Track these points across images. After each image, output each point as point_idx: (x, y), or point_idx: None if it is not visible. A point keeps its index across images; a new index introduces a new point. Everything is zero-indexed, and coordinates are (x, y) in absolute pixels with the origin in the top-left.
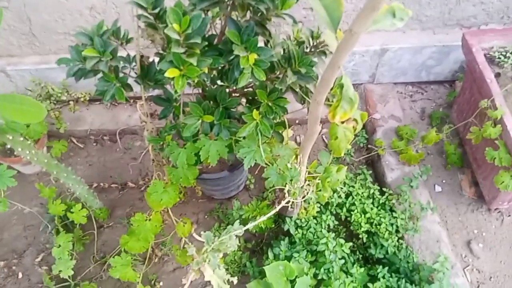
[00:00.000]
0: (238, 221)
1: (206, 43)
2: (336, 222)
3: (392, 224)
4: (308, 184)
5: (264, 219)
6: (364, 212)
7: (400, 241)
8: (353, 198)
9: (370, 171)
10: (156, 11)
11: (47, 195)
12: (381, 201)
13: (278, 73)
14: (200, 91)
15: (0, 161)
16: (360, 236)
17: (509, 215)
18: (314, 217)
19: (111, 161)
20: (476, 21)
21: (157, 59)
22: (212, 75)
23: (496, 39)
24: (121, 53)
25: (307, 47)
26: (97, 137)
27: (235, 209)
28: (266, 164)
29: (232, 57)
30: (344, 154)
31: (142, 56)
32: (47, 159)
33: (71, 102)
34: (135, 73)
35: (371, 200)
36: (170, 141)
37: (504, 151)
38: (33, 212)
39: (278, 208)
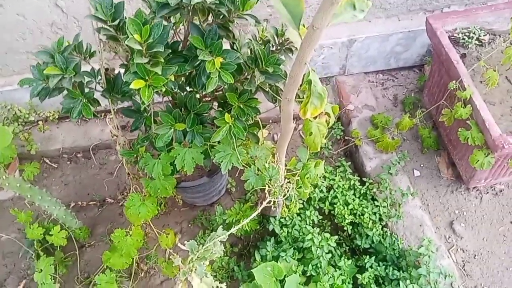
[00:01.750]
0: (221, 226)
1: (170, 50)
2: (320, 217)
3: (375, 213)
4: (288, 182)
5: (247, 221)
6: (347, 204)
7: (385, 229)
8: (334, 191)
9: (349, 163)
10: (116, 22)
11: (24, 220)
12: (362, 191)
13: (246, 74)
14: (170, 99)
15: None
16: (345, 228)
17: (487, 192)
18: (298, 214)
19: (87, 178)
20: (438, 4)
21: (122, 71)
22: (180, 82)
23: (459, 21)
24: (85, 67)
25: (273, 46)
26: (71, 155)
27: (218, 214)
28: (243, 166)
29: (198, 63)
30: (322, 148)
31: (107, 69)
32: (20, 183)
33: (40, 122)
34: (101, 87)
35: (352, 192)
36: (143, 153)
37: (476, 131)
38: (11, 238)
39: (259, 209)
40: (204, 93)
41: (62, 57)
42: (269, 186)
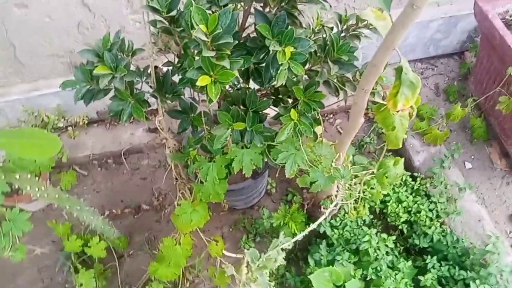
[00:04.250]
0: (282, 232)
1: (237, 42)
2: (371, 216)
3: (431, 210)
4: (357, 183)
5: (312, 227)
6: (400, 201)
7: (443, 226)
8: None
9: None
10: (173, 13)
11: (62, 232)
12: (414, 187)
13: (310, 65)
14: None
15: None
16: (399, 227)
17: None
18: (347, 214)
19: (120, 184)
20: None
21: (170, 68)
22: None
23: (510, 2)
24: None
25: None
26: (101, 161)
27: (265, 218)
28: (309, 166)
29: (263, 55)
30: (365, 143)
31: (156, 67)
32: (58, 194)
33: (69, 128)
34: (150, 86)
35: (404, 188)
36: (197, 156)
37: None
38: (46, 252)
39: (327, 214)
40: (269, 87)
41: (111, 55)
42: (339, 188)
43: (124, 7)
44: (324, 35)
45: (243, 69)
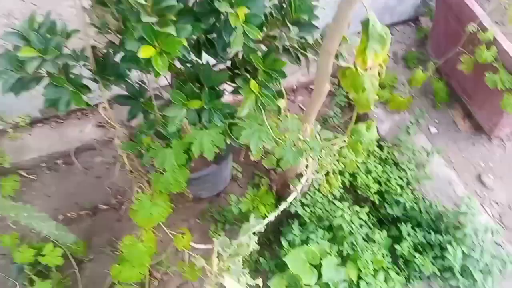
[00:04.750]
0: (253, 215)
1: (182, 6)
2: (342, 191)
3: (401, 178)
4: (328, 154)
5: (282, 207)
6: (369, 172)
7: (414, 193)
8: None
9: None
10: None
11: (9, 243)
12: (382, 157)
13: (267, 30)
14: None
15: None
16: (371, 198)
17: (510, 140)
18: (318, 190)
19: (72, 186)
20: None
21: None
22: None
23: None
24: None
25: None
26: (49, 163)
27: (233, 204)
28: (275, 142)
29: (213, 20)
30: (329, 116)
31: (94, 48)
32: (0, 202)
33: (10, 130)
34: (89, 69)
35: (372, 158)
36: (150, 143)
37: (504, 73)
38: None
39: (299, 191)
40: (224, 59)
41: (39, 36)
42: (309, 161)
43: None
44: None
45: (193, 40)
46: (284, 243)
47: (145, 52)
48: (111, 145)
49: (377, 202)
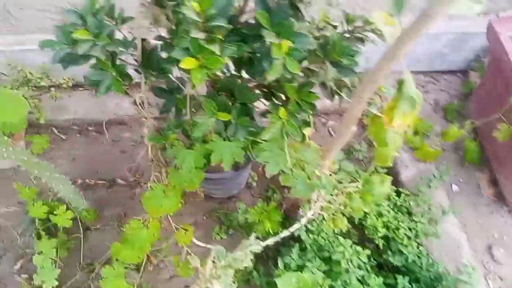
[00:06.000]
0: (254, 234)
1: (231, 26)
2: (350, 226)
3: (410, 229)
4: (339, 194)
5: (283, 235)
6: (380, 215)
7: (420, 247)
8: None
9: (385, 170)
10: None
11: (27, 196)
12: (397, 203)
13: (308, 63)
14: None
15: None
16: (376, 241)
17: None
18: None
19: (97, 154)
20: (495, 7)
21: (158, 43)
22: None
23: None
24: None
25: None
26: (81, 128)
27: (240, 212)
28: (291, 170)
29: (258, 45)
30: (355, 150)
31: (143, 40)
32: (27, 157)
33: (52, 89)
34: (135, 60)
35: (387, 202)
36: (175, 141)
37: None
38: (11, 212)
39: (302, 223)
40: (261, 80)
41: (96, 20)
42: (317, 197)
43: None
44: (328, 34)
45: (236, 56)
46: (281, 264)
47: (187, 63)
48: (141, 125)
49: (381, 246)
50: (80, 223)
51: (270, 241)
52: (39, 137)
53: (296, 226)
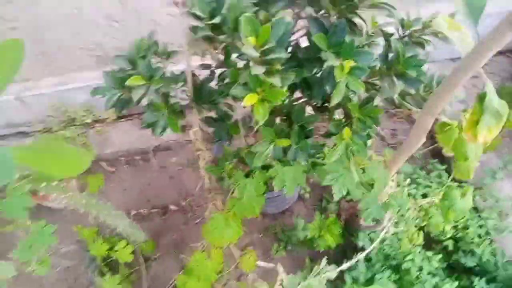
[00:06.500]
0: (325, 258)
1: (290, 55)
2: (414, 228)
3: (480, 226)
4: (411, 208)
5: (347, 265)
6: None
7: (493, 244)
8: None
9: (445, 166)
10: (216, 20)
11: (87, 236)
12: None
13: (368, 77)
14: None
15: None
16: (445, 243)
17: None
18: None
19: (147, 183)
20: None
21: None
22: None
23: None
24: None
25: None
26: (128, 158)
27: (299, 229)
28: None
29: (316, 68)
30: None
31: (193, 75)
32: (85, 200)
33: (97, 124)
34: (187, 95)
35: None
36: (234, 170)
37: None
38: (71, 251)
39: (375, 244)
40: (326, 104)
41: (146, 64)
42: (393, 216)
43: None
44: (382, 41)
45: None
46: (348, 278)
47: (249, 100)
48: (187, 148)
49: (450, 247)
50: (140, 255)
51: (345, 266)
52: (93, 177)
53: (368, 249)
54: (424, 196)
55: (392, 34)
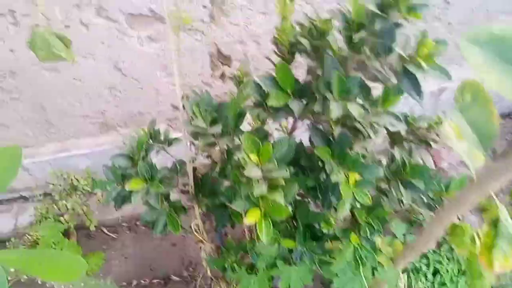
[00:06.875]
0: None
1: (293, 170)
2: None
3: None
4: None
5: None
6: None
7: None
8: (441, 276)
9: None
10: (218, 129)
11: None
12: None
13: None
14: None
15: None
16: None
17: None
18: None
19: (149, 250)
20: None
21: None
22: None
23: None
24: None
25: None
26: (130, 224)
27: None
28: None
29: (320, 175)
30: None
31: (194, 170)
32: (84, 282)
33: (99, 193)
34: (188, 190)
35: (464, 278)
36: (237, 266)
37: None
38: None
39: None
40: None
41: (146, 164)
42: None
43: (158, 70)
44: (387, 145)
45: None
46: None
47: (251, 216)
48: (189, 214)
49: None
50: None
51: None
52: (93, 256)
53: None
54: None
55: (398, 133)
